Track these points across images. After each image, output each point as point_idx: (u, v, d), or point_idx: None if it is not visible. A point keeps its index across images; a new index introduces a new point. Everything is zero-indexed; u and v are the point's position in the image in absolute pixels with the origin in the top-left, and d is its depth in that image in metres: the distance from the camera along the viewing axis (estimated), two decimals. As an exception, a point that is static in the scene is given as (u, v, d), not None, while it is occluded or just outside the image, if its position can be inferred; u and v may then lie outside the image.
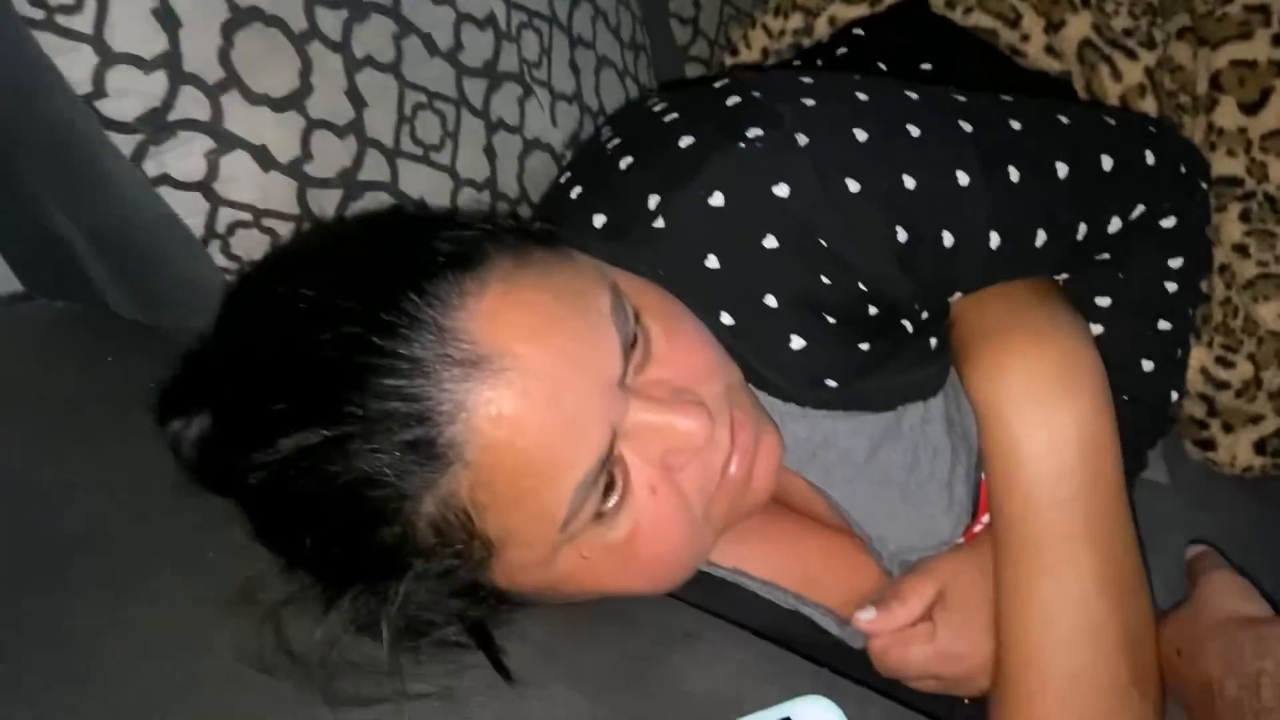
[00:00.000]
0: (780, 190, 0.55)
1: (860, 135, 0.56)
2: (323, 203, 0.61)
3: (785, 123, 0.55)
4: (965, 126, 0.58)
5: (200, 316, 0.55)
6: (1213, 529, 0.74)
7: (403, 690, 0.47)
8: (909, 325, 0.60)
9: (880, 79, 0.62)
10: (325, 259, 0.51)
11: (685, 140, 0.56)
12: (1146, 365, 0.64)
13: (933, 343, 0.60)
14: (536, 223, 0.62)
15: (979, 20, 0.81)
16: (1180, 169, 0.65)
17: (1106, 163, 0.61)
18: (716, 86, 0.60)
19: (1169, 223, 0.64)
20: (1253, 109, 0.70)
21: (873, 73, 0.78)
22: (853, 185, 0.55)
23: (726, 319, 0.57)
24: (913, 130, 0.57)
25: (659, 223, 0.56)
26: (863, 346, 0.58)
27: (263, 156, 0.58)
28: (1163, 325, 0.64)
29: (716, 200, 0.55)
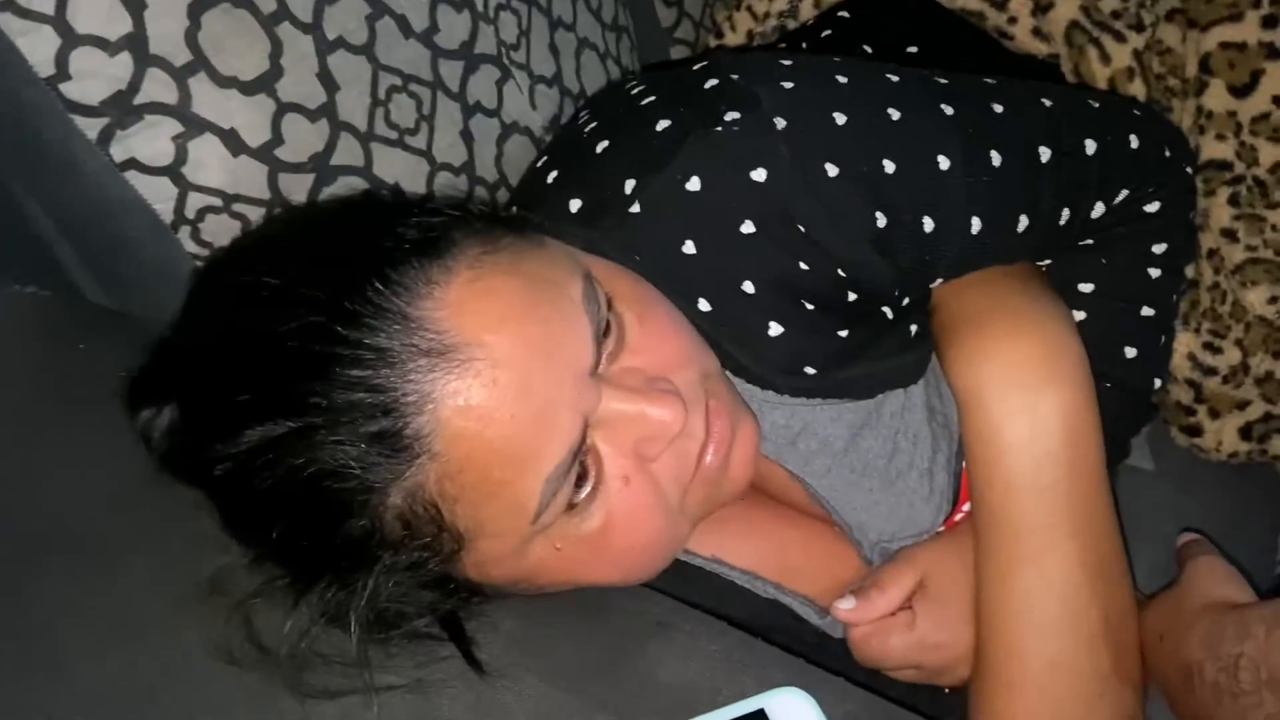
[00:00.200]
0: (757, 175, 0.54)
1: (839, 118, 0.55)
2: (294, 187, 0.60)
3: (763, 105, 0.55)
4: (947, 109, 0.58)
5: (171, 303, 0.54)
6: (1197, 516, 0.74)
7: (371, 683, 0.47)
8: (889, 312, 0.59)
9: (861, 61, 0.61)
10: (290, 246, 0.51)
11: (662, 124, 0.56)
12: (1129, 352, 0.63)
13: (913, 329, 0.59)
14: (512, 208, 0.61)
15: (966, 2, 0.80)
16: (1164, 153, 0.64)
17: (1090, 147, 0.60)
18: (695, 69, 0.59)
19: (1153, 207, 0.63)
20: (1242, 92, 0.69)
21: (858, 56, 0.78)
22: (831, 169, 0.54)
23: (704, 305, 0.57)
24: (893, 113, 0.56)
25: (635, 208, 0.55)
26: (841, 333, 0.57)
27: (232, 140, 0.57)
28: (1146, 311, 0.63)
29: (693, 185, 0.54)
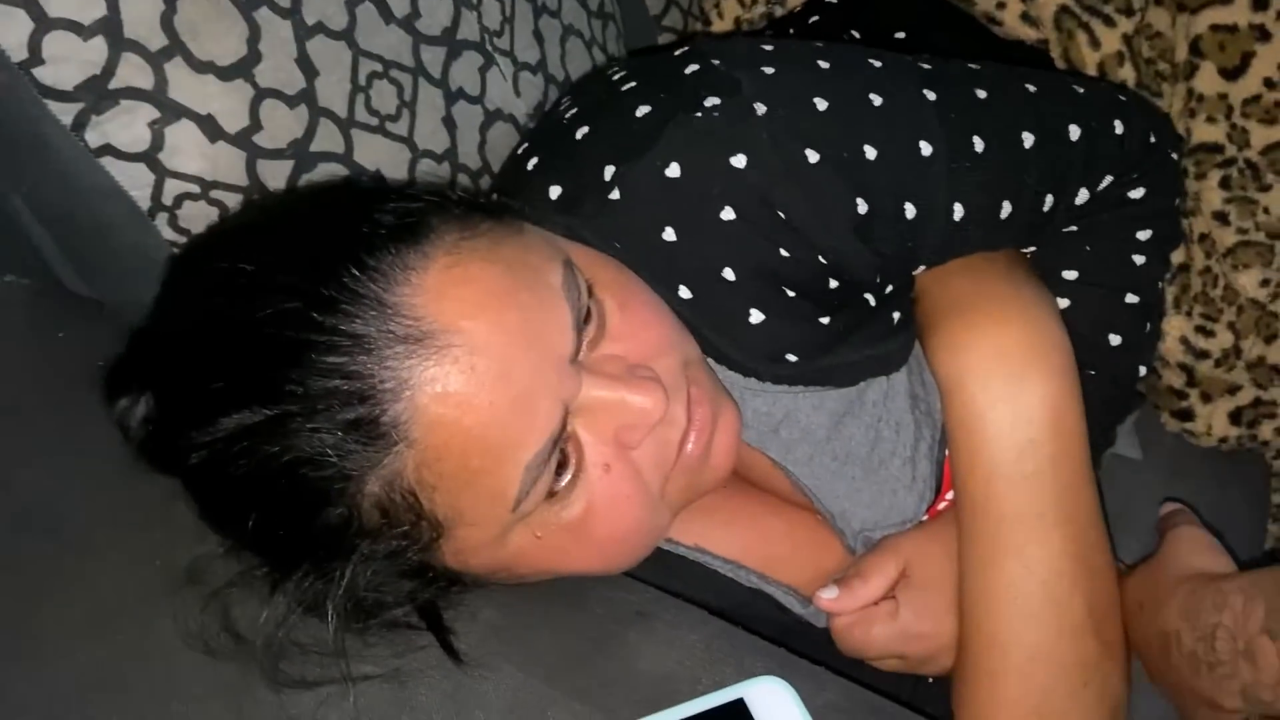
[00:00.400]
0: (737, 161, 0.53)
1: (820, 104, 0.55)
2: (273, 174, 0.59)
3: (743, 91, 0.54)
4: (929, 95, 0.57)
5: (150, 291, 0.54)
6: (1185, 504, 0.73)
7: (349, 672, 0.47)
8: (871, 299, 0.59)
9: (844, 46, 0.60)
10: (265, 233, 0.50)
11: (642, 110, 0.55)
12: (1113, 339, 0.62)
13: (895, 317, 0.59)
14: (494, 195, 0.61)
15: (955, -13, 0.80)
16: (1150, 139, 0.63)
17: (1074, 132, 0.59)
18: (676, 54, 0.58)
19: (1137, 194, 0.63)
20: (1233, 74, 0.69)
21: (845, 41, 0.77)
22: (812, 155, 0.54)
23: (685, 292, 0.56)
24: (875, 99, 0.56)
25: (614, 194, 0.54)
26: (823, 320, 0.57)
27: (209, 126, 0.56)
28: (1130, 299, 0.63)
29: (673, 171, 0.54)
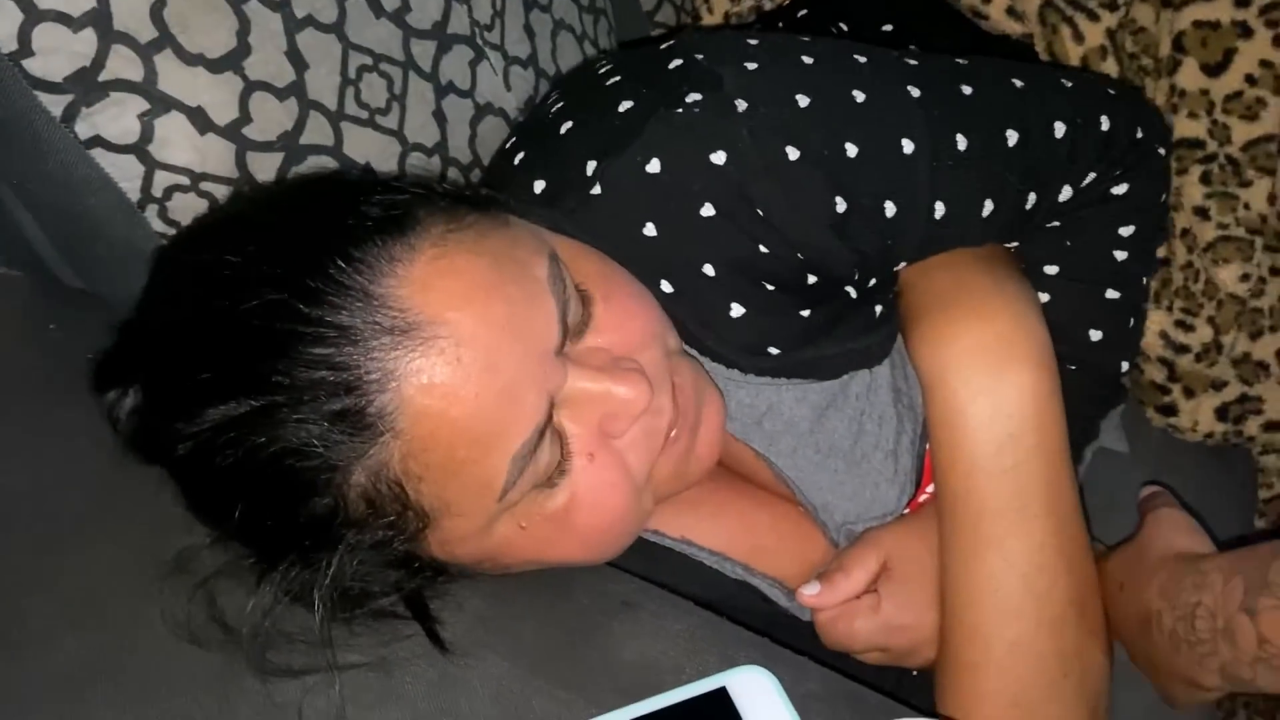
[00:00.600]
0: (717, 158, 0.53)
1: (802, 100, 0.55)
2: (263, 166, 0.59)
3: (725, 86, 0.54)
4: (914, 92, 0.57)
5: (140, 283, 0.54)
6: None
7: (335, 661, 0.47)
8: (852, 292, 0.59)
9: (830, 41, 0.60)
10: (251, 225, 0.50)
11: (624, 104, 0.55)
12: (1094, 334, 0.63)
13: (878, 310, 0.59)
14: (483, 189, 0.61)
15: (941, -18, 0.80)
16: (1136, 134, 0.63)
17: (1059, 130, 0.59)
18: (662, 48, 0.59)
19: (1121, 190, 0.63)
20: (1215, 70, 0.69)
21: (832, 34, 0.77)
22: (792, 152, 0.54)
23: (666, 286, 0.57)
24: (858, 95, 0.56)
25: (596, 189, 0.55)
26: (804, 314, 0.57)
27: (199, 118, 0.56)
28: (1111, 294, 0.63)
29: (653, 167, 0.54)
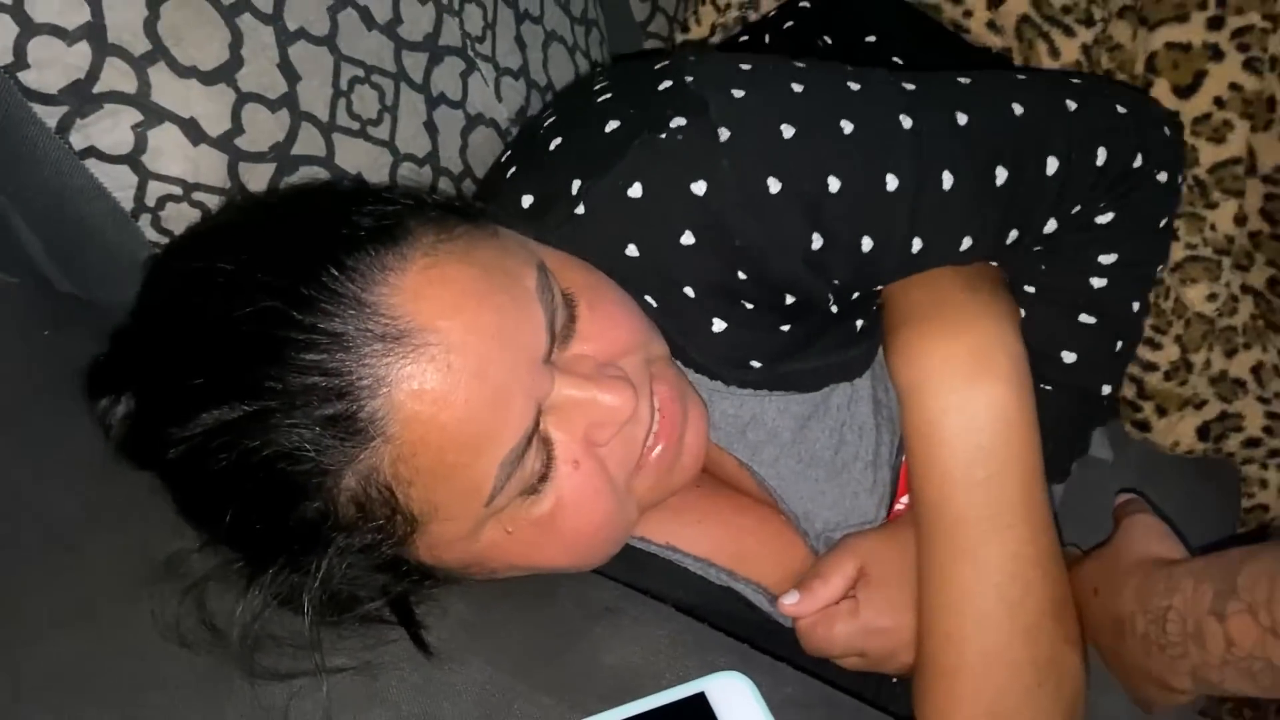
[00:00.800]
0: (697, 187, 0.54)
1: (787, 131, 0.54)
2: (255, 177, 0.60)
3: (710, 113, 0.54)
4: (905, 122, 0.56)
5: (133, 290, 0.55)
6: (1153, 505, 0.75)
7: (322, 664, 0.48)
8: (833, 307, 0.60)
9: (823, 68, 0.59)
10: (245, 233, 0.51)
11: (611, 125, 0.56)
12: (1067, 357, 0.63)
13: (858, 325, 0.61)
14: (474, 201, 0.62)
15: (923, -6, 0.81)
16: (1133, 164, 0.60)
17: (1051, 166, 0.58)
18: (655, 67, 0.58)
19: (1105, 219, 0.61)
20: (1185, 92, 0.70)
21: (818, 46, 0.78)
22: (773, 185, 0.54)
23: (650, 301, 0.58)
24: (846, 127, 0.55)
25: (579, 209, 0.55)
26: (784, 329, 0.58)
27: (192, 130, 0.57)
28: (1085, 319, 0.63)
29: (634, 191, 0.54)
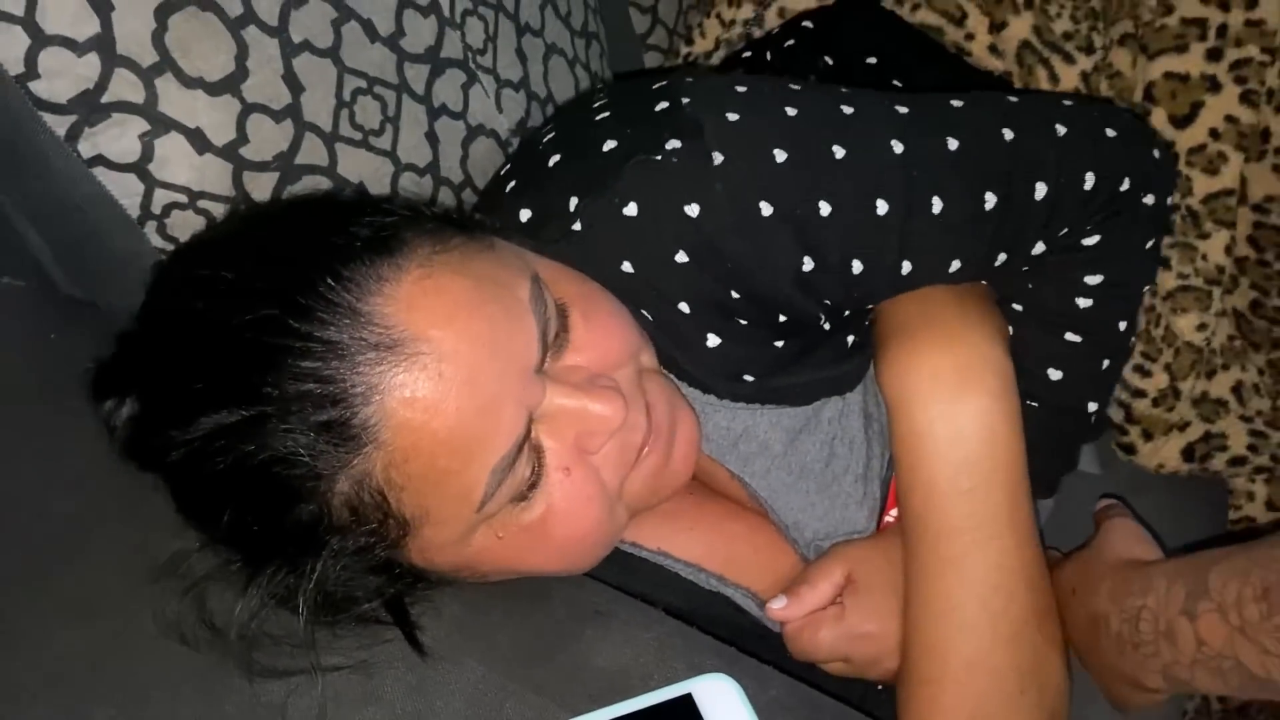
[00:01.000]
0: (691, 209, 0.55)
1: (779, 155, 0.55)
2: (259, 185, 0.61)
3: (704, 136, 0.55)
4: (896, 148, 0.56)
5: (138, 295, 0.56)
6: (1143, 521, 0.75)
7: (318, 662, 0.49)
8: (825, 324, 0.61)
9: (818, 91, 0.60)
10: (246, 242, 0.53)
11: (609, 144, 0.57)
12: (1053, 374, 0.64)
13: (850, 340, 0.62)
14: (471, 213, 0.63)
15: (925, 17, 0.82)
16: (1120, 187, 0.61)
17: (1040, 191, 0.58)
18: (654, 87, 0.60)
19: (1091, 240, 0.62)
20: (1182, 123, 0.70)
21: (819, 66, 0.79)
22: (765, 208, 0.55)
23: (646, 315, 0.59)
24: (837, 152, 0.56)
25: (577, 225, 0.57)
26: (777, 344, 0.60)
27: (197, 139, 0.59)
28: (1071, 338, 0.64)
29: (630, 210, 0.56)
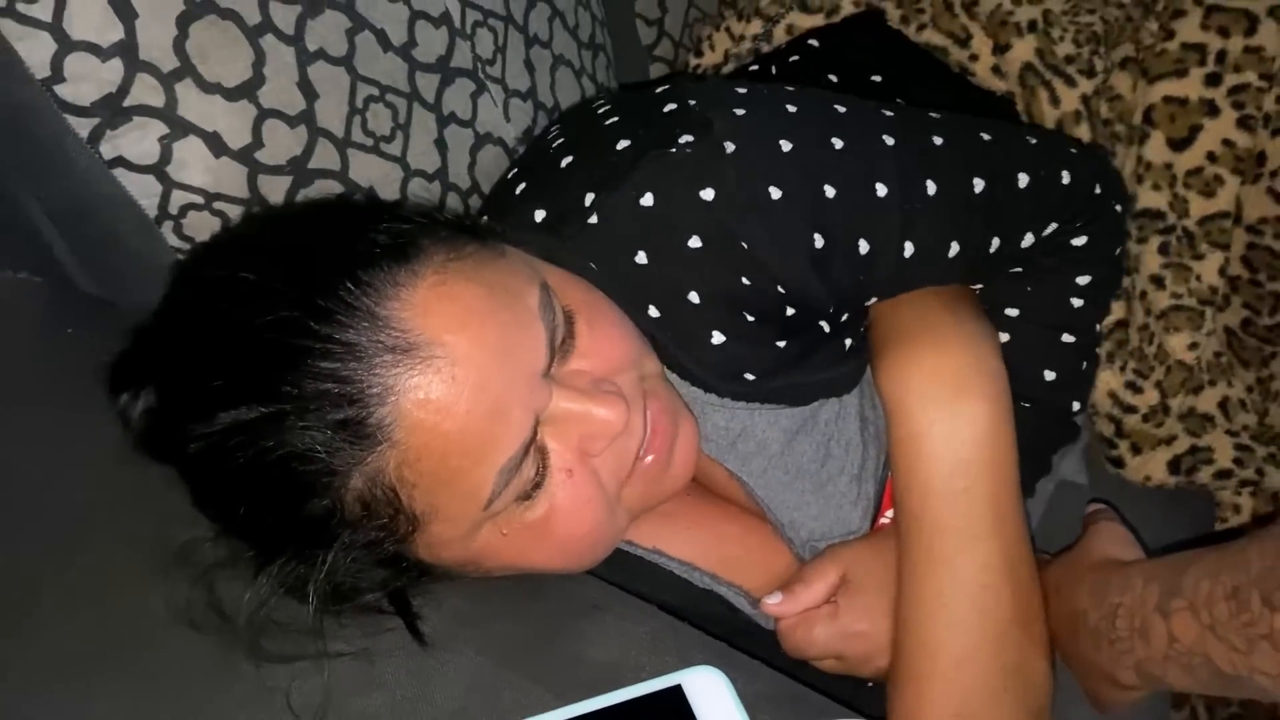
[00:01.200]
0: (706, 194, 0.57)
1: (785, 145, 0.58)
2: (273, 189, 0.63)
3: (715, 130, 0.58)
4: (888, 140, 0.61)
5: (154, 293, 0.58)
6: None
7: (323, 649, 0.51)
8: (825, 326, 0.63)
9: (813, 91, 0.64)
10: (267, 245, 0.54)
11: (622, 143, 0.59)
12: (1049, 375, 0.67)
13: (848, 343, 0.63)
14: (483, 218, 0.65)
15: (931, 37, 0.83)
16: (1095, 190, 0.66)
17: (1022, 180, 0.63)
18: (657, 92, 0.63)
19: (1080, 241, 0.66)
20: (1180, 146, 0.72)
21: (823, 83, 0.81)
22: (775, 192, 0.58)
23: (653, 311, 0.61)
24: (836, 142, 0.60)
25: (593, 219, 0.59)
26: (780, 344, 0.61)
27: (215, 143, 0.61)
28: (1066, 338, 0.67)
29: (646, 200, 0.58)
